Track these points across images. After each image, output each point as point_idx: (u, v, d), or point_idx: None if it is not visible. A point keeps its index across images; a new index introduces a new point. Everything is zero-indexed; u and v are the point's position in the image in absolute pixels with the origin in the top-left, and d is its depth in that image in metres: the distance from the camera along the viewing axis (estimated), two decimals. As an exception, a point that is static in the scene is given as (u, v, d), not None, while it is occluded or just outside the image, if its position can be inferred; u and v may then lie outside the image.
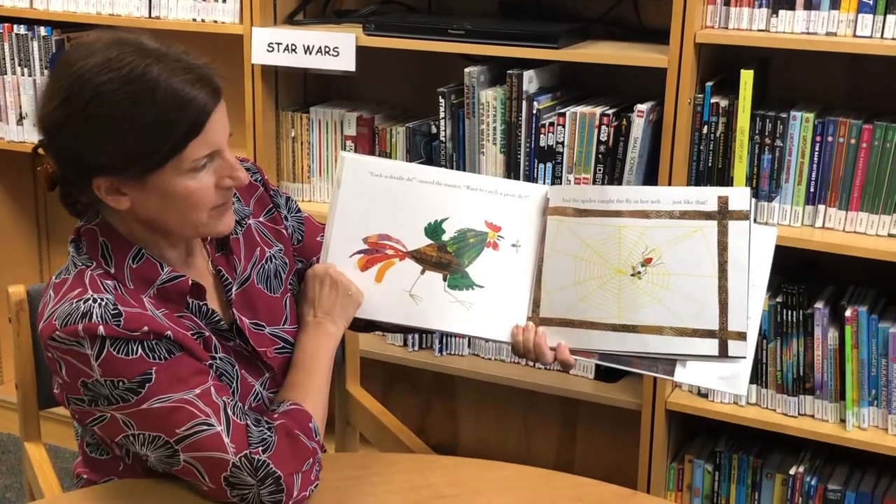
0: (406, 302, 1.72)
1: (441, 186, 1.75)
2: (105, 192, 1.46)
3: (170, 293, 1.52)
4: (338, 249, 1.73)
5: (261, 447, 1.47)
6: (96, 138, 1.42)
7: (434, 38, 2.44)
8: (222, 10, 2.67)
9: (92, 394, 1.45)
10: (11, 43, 2.95)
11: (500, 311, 1.71)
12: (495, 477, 1.63)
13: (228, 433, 1.46)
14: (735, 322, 1.62)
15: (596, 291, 1.68)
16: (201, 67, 1.45)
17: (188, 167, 1.44)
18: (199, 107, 1.42)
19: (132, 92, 1.40)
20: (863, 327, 2.22)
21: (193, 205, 1.47)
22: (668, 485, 2.50)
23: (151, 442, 1.47)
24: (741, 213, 1.65)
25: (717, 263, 1.64)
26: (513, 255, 1.73)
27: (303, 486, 1.50)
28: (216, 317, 1.57)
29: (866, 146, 2.17)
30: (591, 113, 2.35)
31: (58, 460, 3.03)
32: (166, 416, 1.45)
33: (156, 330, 1.45)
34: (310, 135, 2.70)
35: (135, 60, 1.41)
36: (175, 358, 1.47)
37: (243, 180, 1.51)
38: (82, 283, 1.47)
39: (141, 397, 1.44)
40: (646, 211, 1.68)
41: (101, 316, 1.42)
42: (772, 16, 2.20)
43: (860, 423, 2.27)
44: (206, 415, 1.45)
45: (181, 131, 1.42)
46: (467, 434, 2.97)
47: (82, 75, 1.41)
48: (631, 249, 1.67)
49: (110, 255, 1.51)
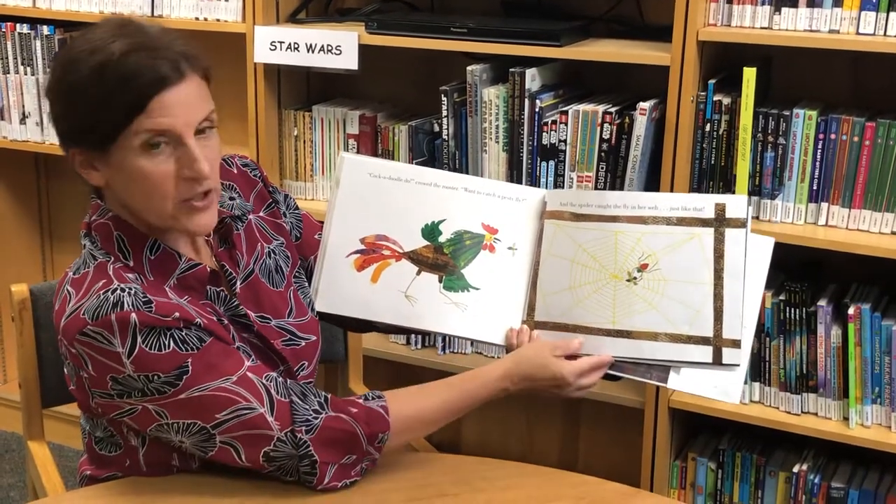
0: (401, 302, 1.72)
1: (439, 188, 1.75)
2: (79, 165, 1.51)
3: (190, 281, 1.53)
4: (335, 249, 1.74)
5: (304, 427, 1.49)
6: (64, 106, 1.49)
7: (436, 37, 2.44)
8: (225, 8, 2.67)
9: (122, 388, 1.46)
10: (14, 42, 2.96)
11: (494, 314, 1.71)
12: (498, 475, 1.63)
13: (273, 412, 1.48)
14: (730, 329, 1.62)
15: (591, 296, 1.68)
16: (168, 50, 1.46)
17: (138, 144, 1.44)
18: (146, 82, 1.43)
19: (92, 63, 1.44)
20: (866, 325, 2.22)
21: (153, 188, 1.47)
22: (672, 483, 2.49)
23: (187, 429, 1.48)
24: (738, 220, 1.64)
25: (712, 270, 1.64)
26: (509, 258, 1.73)
27: (335, 477, 1.52)
28: (234, 302, 1.58)
29: (869, 144, 2.17)
30: (593, 111, 2.35)
31: (61, 459, 3.03)
32: (205, 404, 1.46)
33: (185, 318, 1.46)
34: (312, 133, 2.70)
35: (106, 35, 1.46)
36: (207, 345, 1.47)
37: (202, 174, 1.47)
38: (106, 274, 1.48)
39: (178, 389, 1.45)
40: (643, 217, 1.68)
41: (133, 304, 1.43)
42: (774, 13, 2.19)
43: (863, 421, 2.27)
44: (247, 399, 1.47)
45: (126, 104, 1.43)
46: (470, 432, 2.97)
47: (67, 50, 1.50)
48: (627, 255, 1.67)
49: (127, 248, 1.52)
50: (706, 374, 1.64)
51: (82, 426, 1.67)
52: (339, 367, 2.22)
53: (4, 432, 3.36)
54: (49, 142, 2.99)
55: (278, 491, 1.54)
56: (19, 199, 3.34)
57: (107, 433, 1.59)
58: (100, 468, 1.64)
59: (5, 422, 3.36)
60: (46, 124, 2.98)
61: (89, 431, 1.64)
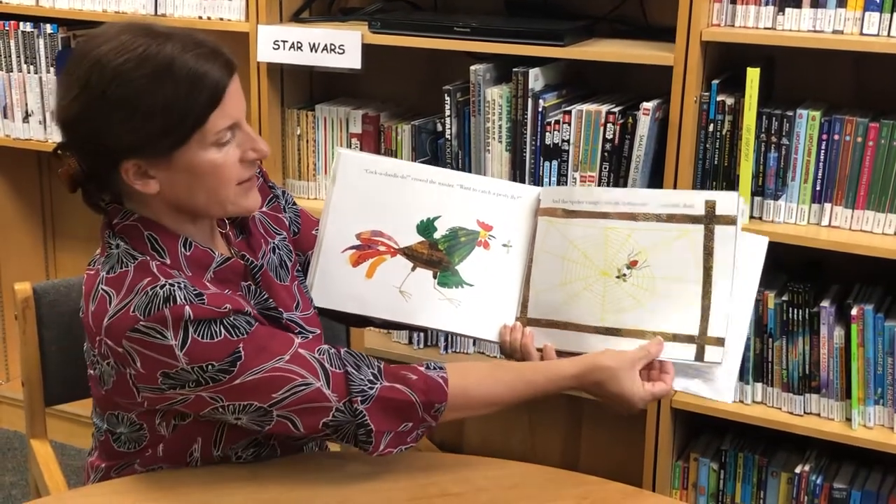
0: (396, 298, 1.72)
1: (435, 185, 1.75)
2: (133, 176, 1.48)
3: (227, 274, 1.55)
4: (331, 244, 1.75)
5: (360, 397, 1.51)
6: (119, 120, 1.44)
7: (440, 36, 2.44)
8: (228, 7, 2.67)
9: (174, 381, 1.46)
10: (17, 40, 2.96)
11: (488, 310, 1.72)
12: (500, 475, 1.63)
13: (329, 385, 1.50)
14: (715, 328, 1.62)
15: (581, 293, 1.68)
16: (211, 43, 1.49)
17: (212, 140, 1.47)
18: (215, 79, 1.46)
19: (150, 70, 1.43)
20: (869, 326, 2.22)
21: (221, 179, 1.50)
22: (674, 483, 2.49)
23: (243, 410, 1.50)
24: (728, 217, 1.64)
25: (702, 268, 1.64)
26: (503, 255, 1.74)
27: (391, 444, 1.54)
28: (264, 295, 1.59)
29: (873, 144, 2.17)
30: (596, 111, 2.35)
31: (64, 457, 3.04)
32: (261, 386, 1.47)
33: (237, 308, 1.48)
34: (315, 132, 2.71)
35: (147, 41, 1.45)
36: (255, 329, 1.49)
37: (265, 151, 1.54)
38: (149, 272, 1.48)
39: (233, 375, 1.46)
40: (633, 213, 1.68)
41: (185, 297, 1.44)
42: (778, 14, 2.19)
43: (866, 422, 2.27)
44: (302, 376, 1.49)
45: (202, 104, 1.45)
46: (472, 432, 2.97)
47: (99, 60, 1.44)
48: (617, 251, 1.67)
49: (161, 246, 1.52)
50: (698, 372, 1.64)
51: (97, 425, 1.66)
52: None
53: (7, 430, 3.36)
54: (52, 140, 2.99)
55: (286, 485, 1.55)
56: (22, 197, 3.34)
57: (132, 428, 1.59)
58: (114, 460, 1.64)
59: (8, 420, 3.37)
60: (49, 123, 2.98)
61: (107, 430, 1.62)
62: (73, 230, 3.37)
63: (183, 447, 1.58)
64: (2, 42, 2.97)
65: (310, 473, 1.58)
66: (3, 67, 3.00)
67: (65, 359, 1.91)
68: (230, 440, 1.58)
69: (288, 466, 1.60)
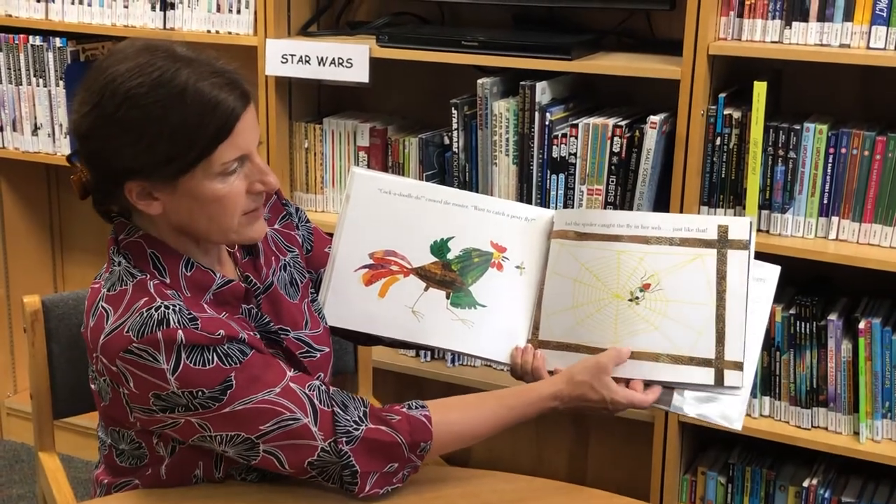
0: (408, 318, 1.72)
1: (449, 206, 1.76)
2: (136, 196, 1.48)
3: (226, 297, 1.54)
4: (344, 263, 1.75)
5: (345, 438, 1.50)
6: (127, 142, 1.44)
7: (447, 50, 2.45)
8: (237, 21, 2.69)
9: (165, 403, 1.46)
10: (27, 54, 2.97)
11: (500, 332, 1.72)
12: (508, 489, 1.63)
13: (316, 422, 1.49)
14: (732, 352, 1.62)
15: (593, 315, 1.68)
16: (230, 72, 1.48)
17: (218, 171, 1.46)
18: (227, 110, 1.44)
19: (162, 95, 1.42)
20: (876, 339, 2.21)
21: (224, 209, 1.49)
22: (681, 497, 2.49)
23: (230, 441, 1.49)
24: (741, 242, 1.64)
25: (714, 292, 1.64)
26: (517, 277, 1.74)
27: (377, 484, 1.53)
28: (265, 319, 1.59)
29: (880, 158, 2.17)
30: (603, 124, 2.35)
31: (71, 470, 3.04)
32: (249, 416, 1.47)
33: (230, 334, 1.47)
34: (323, 146, 2.71)
35: (165, 65, 1.43)
36: (249, 359, 1.48)
37: (274, 185, 1.53)
38: (147, 292, 1.47)
39: (223, 403, 1.45)
40: (646, 237, 1.68)
41: (179, 321, 1.43)
42: (785, 28, 2.19)
43: (874, 436, 2.26)
44: (291, 410, 1.48)
45: (210, 134, 1.43)
46: (479, 446, 2.95)
47: (114, 80, 1.43)
48: (630, 275, 1.67)
49: (163, 265, 1.52)
50: (709, 398, 1.63)
51: (101, 439, 1.66)
52: (348, 379, 2.23)
53: (15, 443, 3.36)
54: (61, 153, 3.00)
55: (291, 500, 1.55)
56: (31, 210, 3.35)
57: (133, 445, 1.59)
58: (117, 476, 1.64)
59: (16, 432, 3.37)
60: (58, 136, 2.99)
61: (111, 444, 1.63)
62: (82, 243, 3.38)
63: (185, 470, 1.57)
64: (11, 55, 2.99)
65: (316, 488, 1.57)
66: (12, 81, 3.01)
67: (73, 371, 1.92)
68: (231, 461, 1.56)
69: (294, 481, 1.59)
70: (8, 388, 3.41)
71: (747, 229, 1.65)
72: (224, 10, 2.70)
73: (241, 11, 2.67)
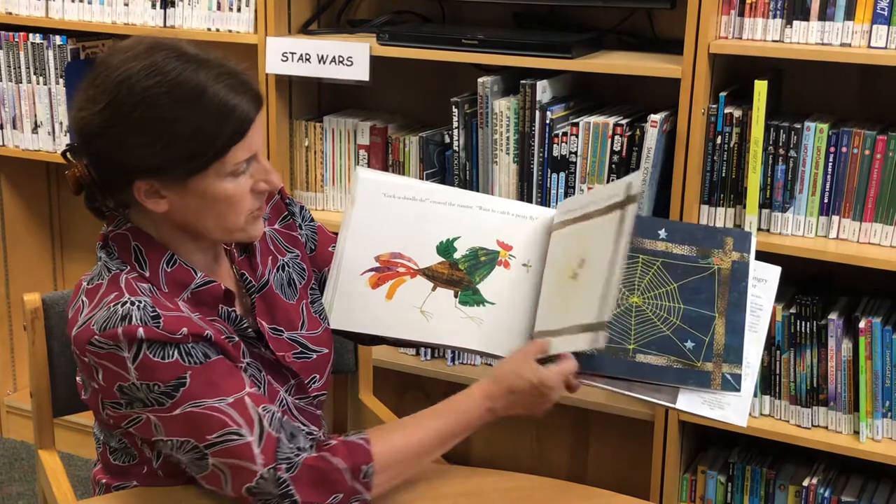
0: (416, 318, 1.72)
1: (454, 207, 1.76)
2: (145, 194, 1.48)
3: (204, 297, 1.53)
4: (350, 267, 1.75)
5: (285, 465, 1.45)
6: (142, 142, 1.43)
7: (448, 48, 2.45)
8: (237, 19, 2.69)
9: (128, 397, 1.46)
10: (27, 52, 2.97)
11: (509, 329, 1.72)
12: (508, 487, 1.63)
13: (260, 444, 1.45)
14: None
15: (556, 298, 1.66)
16: (242, 73, 1.48)
17: (229, 171, 1.46)
18: (243, 113, 1.45)
19: (180, 96, 1.42)
20: (877, 339, 2.21)
21: (231, 208, 1.49)
22: (681, 496, 2.49)
23: (181, 447, 1.47)
24: (633, 197, 1.54)
25: (610, 254, 1.58)
26: (523, 275, 1.74)
27: None
28: (244, 324, 1.58)
29: (880, 157, 2.17)
30: (604, 123, 2.35)
31: (71, 468, 3.04)
32: (198, 421, 1.45)
33: (194, 332, 1.46)
34: (323, 144, 2.71)
35: (180, 65, 1.43)
36: (210, 362, 1.47)
37: (277, 184, 1.54)
38: (118, 286, 1.48)
39: (175, 401, 1.44)
40: (589, 213, 1.63)
41: (141, 318, 1.43)
42: (786, 26, 2.19)
43: (874, 435, 2.26)
44: (238, 424, 1.45)
45: (226, 136, 1.44)
46: (479, 443, 2.97)
47: (129, 78, 1.42)
48: (575, 253, 1.63)
49: (144, 259, 1.52)
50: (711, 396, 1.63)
51: (96, 435, 1.67)
52: (348, 378, 2.23)
53: (14, 441, 3.36)
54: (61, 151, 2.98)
55: None
56: (31, 208, 3.35)
57: (121, 444, 1.60)
58: (115, 477, 1.64)
59: (16, 430, 3.37)
60: (58, 134, 2.99)
61: (104, 441, 1.64)
62: (82, 241, 3.38)
63: (179, 469, 1.55)
64: (11, 53, 2.99)
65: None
66: (12, 79, 3.01)
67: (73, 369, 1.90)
68: None
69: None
70: (8, 385, 3.41)
71: (640, 181, 1.61)
72: (224, 8, 2.69)
73: (242, 9, 2.67)
